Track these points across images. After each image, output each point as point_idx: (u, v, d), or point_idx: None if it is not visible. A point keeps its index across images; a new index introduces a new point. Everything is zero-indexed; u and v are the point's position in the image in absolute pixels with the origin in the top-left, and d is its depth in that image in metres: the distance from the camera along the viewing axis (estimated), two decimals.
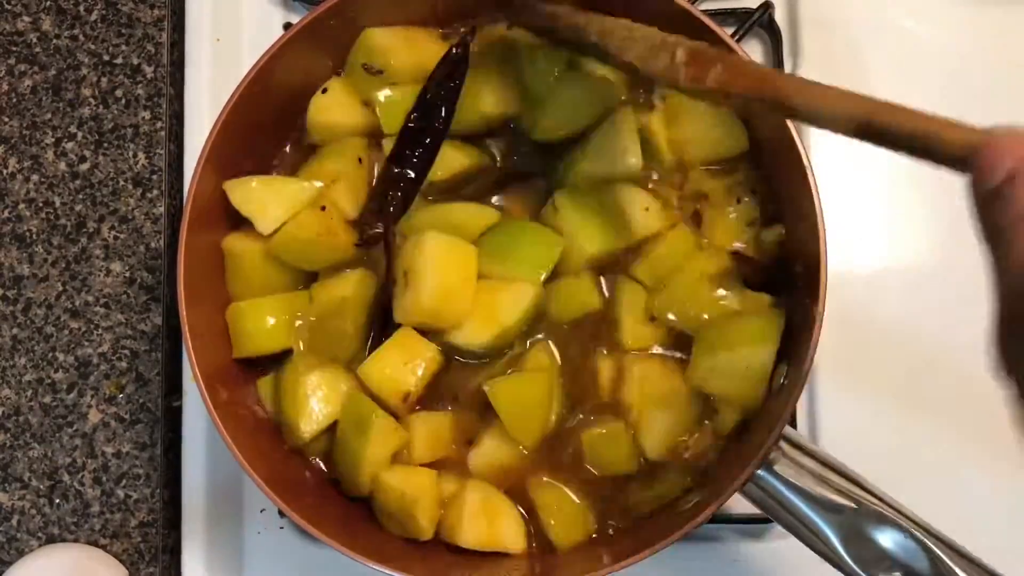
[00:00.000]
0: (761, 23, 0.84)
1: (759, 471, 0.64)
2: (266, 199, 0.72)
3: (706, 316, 0.72)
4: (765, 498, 0.64)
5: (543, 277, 0.73)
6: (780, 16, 0.85)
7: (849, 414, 0.81)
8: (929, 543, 0.60)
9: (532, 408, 0.72)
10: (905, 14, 0.86)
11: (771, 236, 0.73)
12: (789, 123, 0.67)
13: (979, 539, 0.62)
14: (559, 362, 0.74)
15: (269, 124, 0.76)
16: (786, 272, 0.72)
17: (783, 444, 0.65)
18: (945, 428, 0.81)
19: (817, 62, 0.85)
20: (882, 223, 0.84)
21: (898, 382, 0.81)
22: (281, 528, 0.84)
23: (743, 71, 0.59)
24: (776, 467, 0.64)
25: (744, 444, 0.70)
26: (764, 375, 0.69)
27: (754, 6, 0.84)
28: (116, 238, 0.87)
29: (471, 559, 0.73)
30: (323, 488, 0.75)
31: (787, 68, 0.84)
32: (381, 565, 0.67)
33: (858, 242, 0.83)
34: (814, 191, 0.67)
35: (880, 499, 0.62)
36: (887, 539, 0.61)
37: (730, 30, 0.82)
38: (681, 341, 0.73)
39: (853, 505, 0.62)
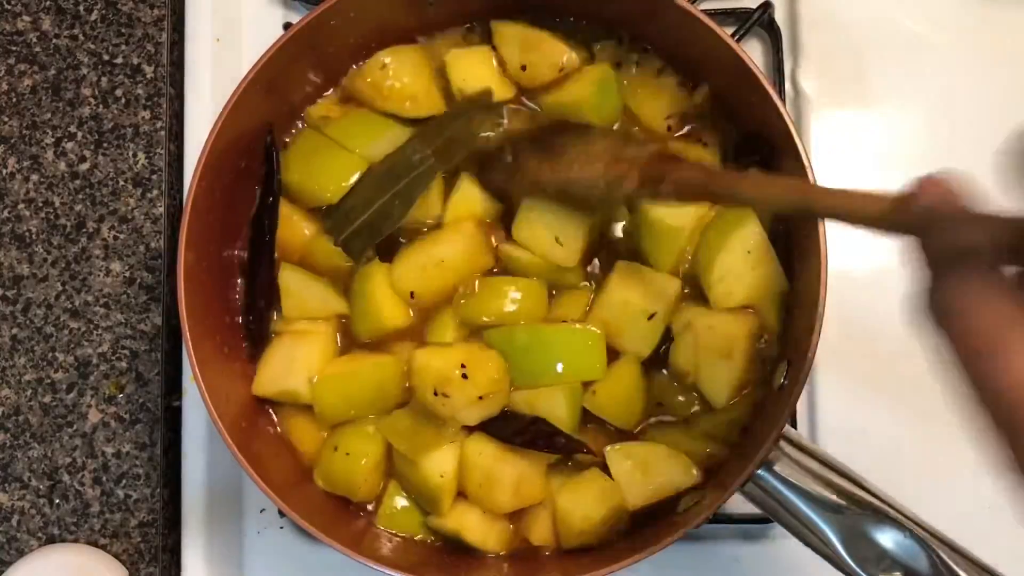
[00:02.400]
0: (761, 23, 0.84)
1: (759, 471, 0.64)
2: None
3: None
4: (765, 498, 0.65)
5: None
6: (780, 16, 0.85)
7: (849, 414, 0.81)
8: (929, 543, 0.60)
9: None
10: (905, 14, 0.86)
11: (700, 96, 0.75)
12: (791, 127, 0.67)
13: (979, 539, 0.62)
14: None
15: (269, 125, 0.76)
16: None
17: (783, 444, 0.65)
18: (945, 428, 0.81)
19: (817, 62, 0.85)
20: None
21: (898, 382, 0.81)
22: (281, 528, 0.84)
23: (692, 178, 0.64)
24: (776, 467, 0.64)
25: (744, 444, 0.70)
26: (766, 251, 0.71)
27: (754, 6, 0.84)
28: (116, 238, 0.87)
29: (472, 559, 0.73)
30: (323, 488, 0.75)
31: (787, 68, 0.85)
32: (381, 565, 0.67)
33: (858, 242, 0.83)
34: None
35: (880, 499, 0.62)
36: (887, 539, 0.61)
37: (730, 30, 0.82)
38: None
39: (853, 505, 0.62)
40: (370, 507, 0.75)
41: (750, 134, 0.74)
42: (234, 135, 0.71)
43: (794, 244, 0.72)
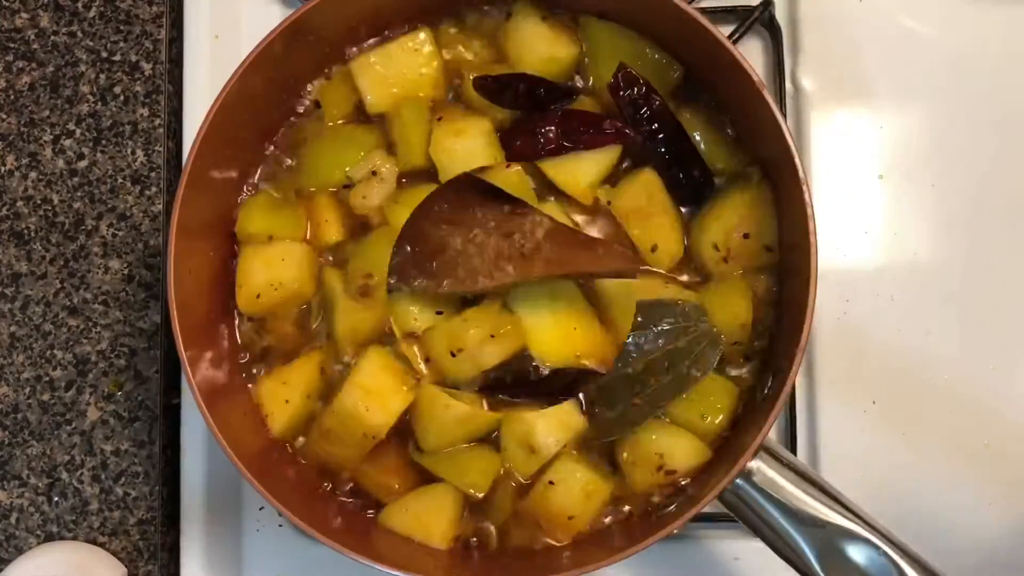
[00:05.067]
0: (762, 21, 0.83)
1: (738, 480, 0.64)
2: None
3: None
4: (742, 507, 0.65)
5: None
6: (780, 14, 0.84)
7: (849, 434, 0.81)
8: (900, 561, 0.60)
9: None
10: (905, 13, 0.85)
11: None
12: (788, 138, 0.67)
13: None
14: None
15: (261, 121, 0.76)
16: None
17: (763, 455, 0.65)
18: (943, 448, 0.81)
19: (817, 60, 0.84)
20: (882, 226, 0.83)
21: (901, 408, 0.82)
22: (280, 526, 0.84)
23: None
24: (755, 477, 0.64)
25: (725, 452, 0.70)
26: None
27: (754, 4, 0.83)
28: (115, 235, 0.87)
29: (468, 557, 0.73)
30: (320, 487, 0.75)
31: (787, 66, 0.84)
32: (379, 564, 0.68)
33: (855, 254, 0.83)
34: (808, 194, 0.66)
35: (856, 515, 0.62)
36: (860, 555, 0.61)
37: (731, 28, 0.82)
38: None
39: (828, 519, 0.62)
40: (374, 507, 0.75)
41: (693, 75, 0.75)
42: (225, 131, 0.72)
43: (784, 255, 0.72)
